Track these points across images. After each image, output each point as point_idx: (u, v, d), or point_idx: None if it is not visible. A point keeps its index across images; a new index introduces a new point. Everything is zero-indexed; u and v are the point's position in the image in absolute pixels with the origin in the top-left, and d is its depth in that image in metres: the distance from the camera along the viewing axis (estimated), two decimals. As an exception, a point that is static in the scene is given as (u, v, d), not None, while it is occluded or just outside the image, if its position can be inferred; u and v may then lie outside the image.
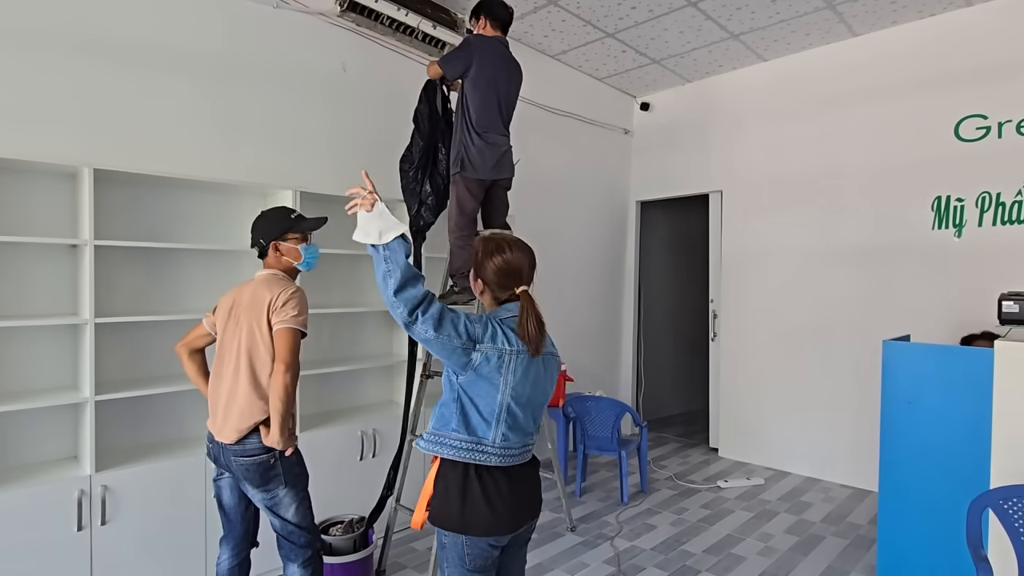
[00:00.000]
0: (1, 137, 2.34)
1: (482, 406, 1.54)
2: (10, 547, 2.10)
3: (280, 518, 2.05)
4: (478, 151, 2.89)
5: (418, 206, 3.19)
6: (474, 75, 2.87)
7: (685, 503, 3.87)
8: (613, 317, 5.49)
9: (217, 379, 2.07)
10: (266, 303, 1.99)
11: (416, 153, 3.15)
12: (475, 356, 1.51)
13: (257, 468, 1.99)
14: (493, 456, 1.54)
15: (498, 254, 1.63)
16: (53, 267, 2.47)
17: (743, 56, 4.60)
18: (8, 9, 2.35)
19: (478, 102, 2.87)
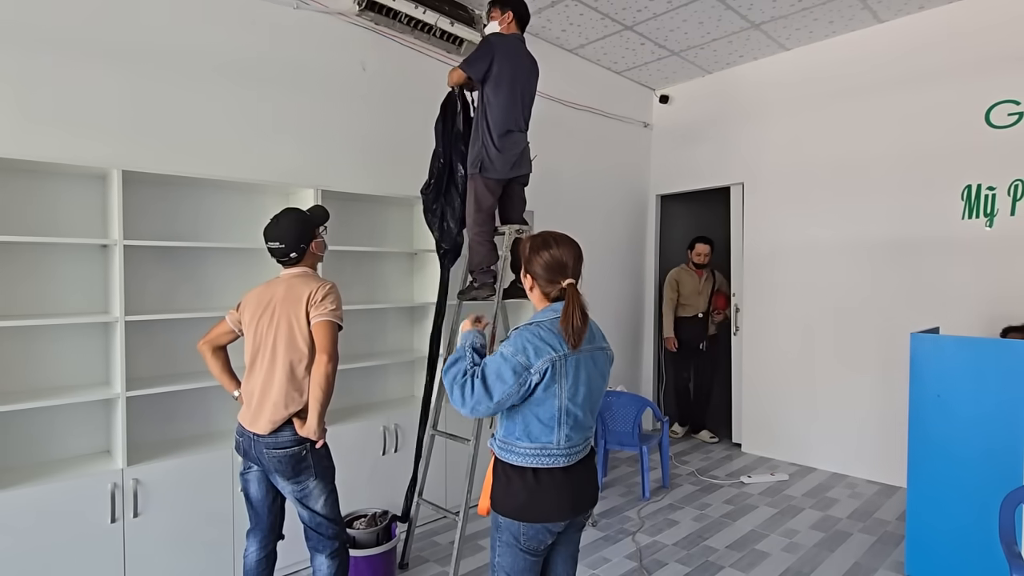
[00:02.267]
0: (35, 140, 2.41)
1: (541, 415, 1.60)
2: (48, 539, 2.17)
3: (309, 509, 2.09)
4: (498, 152, 2.89)
5: (440, 225, 3.09)
6: (496, 74, 2.85)
7: (707, 498, 3.85)
8: (634, 312, 5.46)
9: (251, 373, 2.11)
10: (304, 298, 2.05)
11: (433, 173, 3.04)
12: (532, 379, 1.57)
13: (289, 460, 2.03)
14: (560, 457, 1.61)
15: (544, 249, 1.68)
16: (85, 267, 2.54)
17: (764, 46, 4.53)
18: (40, 16, 2.41)
19: (500, 101, 2.86)
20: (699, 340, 5.13)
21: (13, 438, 2.37)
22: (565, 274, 1.67)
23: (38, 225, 2.42)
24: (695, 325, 5.13)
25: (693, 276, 5.14)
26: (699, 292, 5.12)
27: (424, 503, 3.00)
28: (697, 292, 5.13)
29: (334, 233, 3.28)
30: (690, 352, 5.17)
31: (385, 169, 3.51)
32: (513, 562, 1.65)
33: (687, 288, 5.12)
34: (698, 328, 5.12)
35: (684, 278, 5.15)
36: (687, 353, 5.17)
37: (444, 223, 3.09)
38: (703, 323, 5.13)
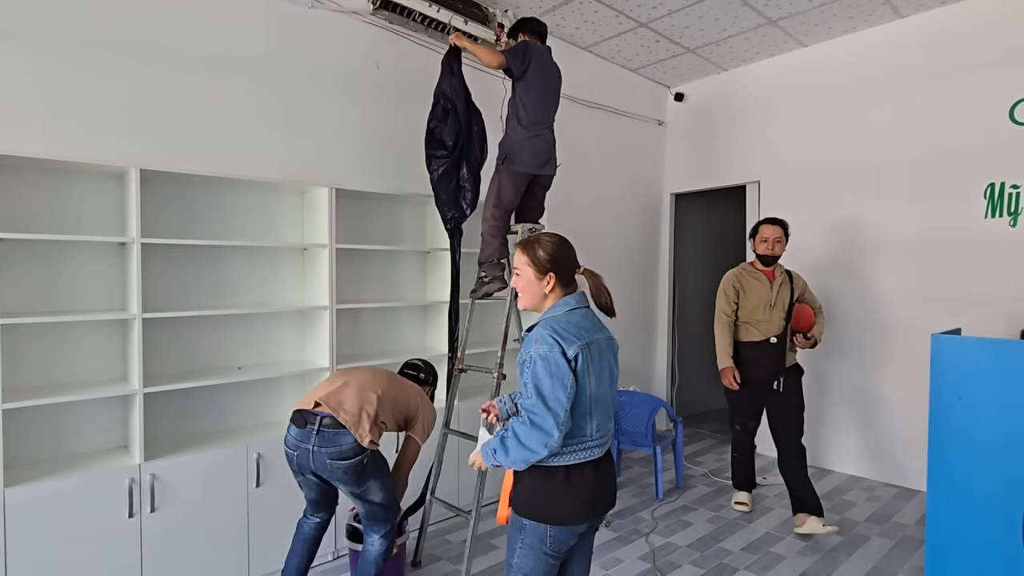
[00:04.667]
0: (56, 140, 2.44)
1: (577, 406, 1.60)
2: (67, 532, 2.20)
3: (368, 503, 2.24)
4: (529, 144, 2.95)
5: (453, 195, 3.02)
6: (531, 75, 2.94)
7: (722, 500, 3.81)
8: (647, 311, 5.43)
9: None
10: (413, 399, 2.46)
11: (450, 137, 2.94)
12: (573, 365, 1.57)
13: (353, 469, 2.15)
14: (594, 448, 1.63)
15: (563, 246, 1.75)
16: (103, 264, 2.57)
17: (782, 42, 4.47)
18: (58, 16, 2.45)
19: (532, 100, 2.94)
20: (772, 375, 3.31)
21: (34, 432, 2.40)
22: (577, 264, 1.77)
23: (59, 223, 2.46)
24: (767, 354, 3.30)
25: (761, 280, 3.37)
26: (771, 304, 3.32)
27: (436, 502, 3.00)
28: (768, 304, 3.32)
29: (348, 232, 3.29)
30: (759, 392, 3.38)
31: (399, 167, 3.52)
32: (535, 565, 1.63)
33: (753, 299, 3.35)
34: (771, 358, 3.30)
35: (748, 283, 3.39)
36: (755, 393, 3.39)
37: (460, 192, 3.04)
38: (778, 351, 3.30)
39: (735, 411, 3.54)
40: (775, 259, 3.37)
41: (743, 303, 3.39)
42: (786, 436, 3.36)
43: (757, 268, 3.43)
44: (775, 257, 3.37)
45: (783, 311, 3.33)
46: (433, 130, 3.00)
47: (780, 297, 3.34)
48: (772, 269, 3.40)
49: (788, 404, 3.36)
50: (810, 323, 3.37)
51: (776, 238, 3.35)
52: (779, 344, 3.29)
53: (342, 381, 2.28)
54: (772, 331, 3.31)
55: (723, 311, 3.43)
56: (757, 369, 3.33)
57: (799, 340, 3.40)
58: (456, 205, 3.06)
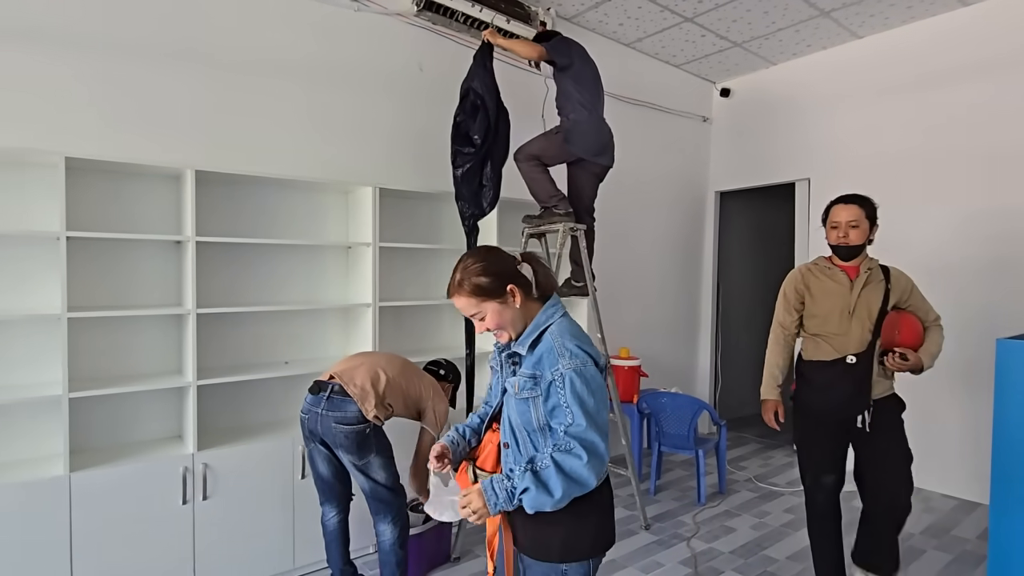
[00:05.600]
0: (116, 142, 2.56)
1: None
2: (126, 516, 2.32)
3: (370, 479, 2.30)
4: (590, 127, 3.05)
5: (475, 192, 3.04)
6: (578, 70, 3.03)
7: (767, 506, 3.71)
8: (689, 312, 5.32)
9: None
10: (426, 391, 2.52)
11: (479, 134, 2.95)
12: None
13: (355, 436, 2.23)
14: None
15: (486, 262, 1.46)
16: (160, 262, 2.69)
17: (834, 34, 4.31)
18: (119, 25, 2.57)
19: (589, 88, 3.05)
20: (851, 407, 2.39)
21: (95, 421, 2.53)
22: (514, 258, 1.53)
23: (119, 222, 2.58)
24: (840, 378, 2.39)
25: (836, 279, 2.45)
26: (849, 311, 2.39)
27: None
28: (845, 311, 2.40)
29: (390, 230, 3.34)
30: (835, 431, 2.44)
31: (439, 167, 3.54)
32: None
33: (823, 304, 2.45)
34: (847, 384, 2.39)
35: (816, 284, 2.49)
36: (828, 433, 2.45)
37: (483, 189, 3.07)
38: (858, 374, 2.37)
39: (802, 457, 2.53)
40: (855, 251, 2.41)
41: (810, 309, 2.49)
42: (878, 497, 2.39)
43: (833, 263, 2.47)
44: (854, 248, 2.39)
45: (869, 321, 2.36)
46: (459, 124, 3.02)
47: (865, 301, 2.38)
48: (855, 264, 2.43)
49: (881, 450, 2.37)
50: (914, 338, 2.41)
51: (851, 221, 2.37)
52: (861, 365, 2.34)
53: (358, 361, 2.42)
54: (851, 347, 2.36)
55: (778, 322, 2.58)
56: (827, 398, 2.40)
57: (892, 361, 2.37)
58: (476, 203, 3.08)
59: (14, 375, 2.37)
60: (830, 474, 2.46)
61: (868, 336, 2.38)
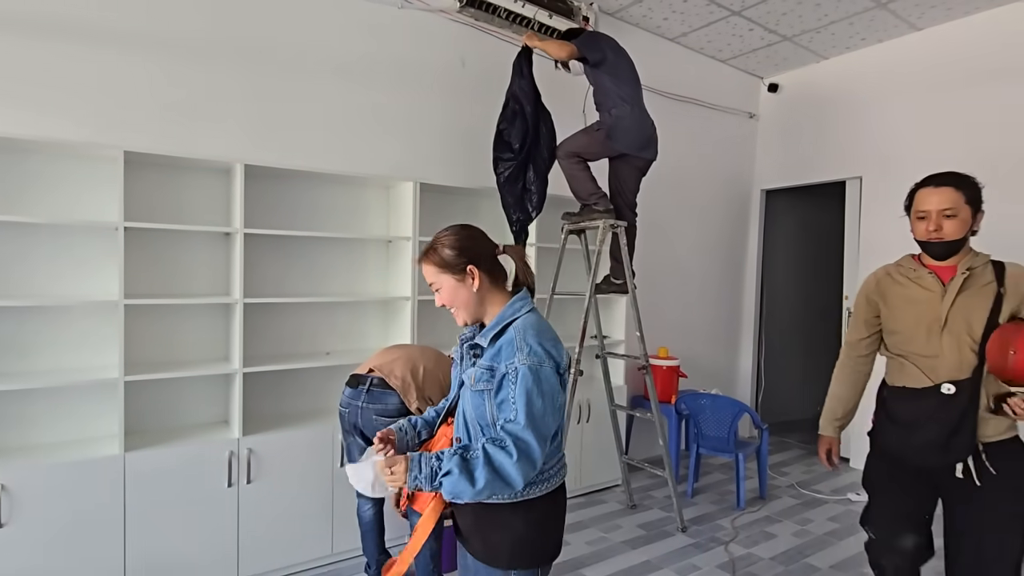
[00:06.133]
0: (169, 137, 2.67)
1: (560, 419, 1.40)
2: (174, 496, 2.41)
3: None
4: (633, 120, 3.00)
5: (519, 197, 3.08)
6: (612, 60, 2.98)
7: (809, 513, 3.60)
8: (732, 312, 5.20)
9: None
10: None
11: (517, 139, 3.00)
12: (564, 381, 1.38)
13: None
14: (565, 466, 1.46)
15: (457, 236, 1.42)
16: (209, 253, 2.78)
17: (891, 26, 4.14)
18: (174, 22, 2.67)
19: (627, 80, 3.00)
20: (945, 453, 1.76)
21: (146, 404, 2.64)
22: (494, 244, 1.46)
23: (172, 214, 2.68)
24: (933, 414, 1.76)
25: (923, 283, 1.83)
26: (940, 325, 1.77)
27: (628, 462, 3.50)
28: (936, 325, 1.78)
29: (429, 225, 3.37)
30: (919, 480, 1.86)
31: (479, 162, 3.55)
32: None
33: (903, 316, 1.87)
34: (941, 421, 1.75)
35: (894, 291, 1.92)
36: (909, 481, 1.87)
37: (526, 194, 3.11)
38: (956, 409, 1.73)
39: (871, 507, 1.96)
40: (953, 247, 1.76)
41: (887, 323, 1.91)
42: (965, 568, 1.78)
43: (922, 264, 1.84)
44: (951, 244, 1.75)
45: (970, 337, 1.71)
46: (502, 132, 3.07)
47: (963, 312, 1.73)
48: (952, 263, 1.78)
49: (987, 516, 1.74)
50: None
51: (945, 209, 1.74)
52: (962, 396, 1.69)
53: (395, 354, 2.43)
54: (946, 372, 1.73)
55: (846, 340, 2.08)
56: (910, 439, 1.78)
57: (1018, 404, 1.62)
58: (522, 208, 3.11)
59: (74, 358, 2.49)
60: (907, 536, 1.85)
61: (971, 358, 1.70)
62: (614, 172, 3.23)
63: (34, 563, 2.14)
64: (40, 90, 2.40)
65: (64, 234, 2.46)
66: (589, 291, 3.17)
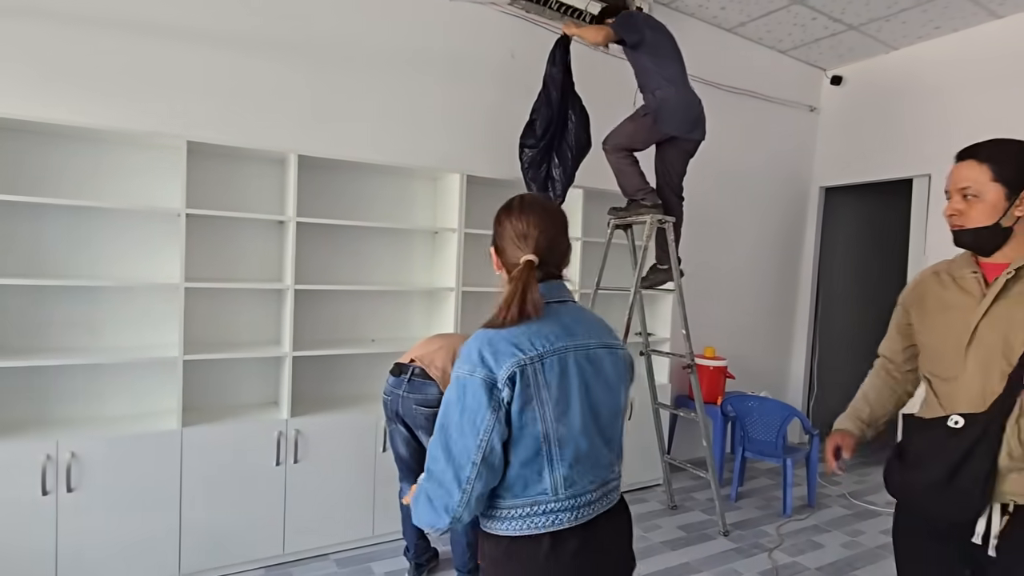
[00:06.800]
0: (227, 127, 2.77)
1: (521, 452, 1.09)
2: (226, 471, 2.52)
3: None
4: (679, 100, 2.91)
5: (543, 184, 3.07)
6: (651, 39, 2.89)
7: (861, 525, 3.45)
8: (784, 313, 5.03)
9: None
10: None
11: (541, 126, 3.00)
12: (502, 396, 1.07)
13: (434, 417, 2.22)
14: (562, 513, 1.11)
15: (507, 215, 1.24)
16: (263, 240, 2.89)
17: (968, 14, 3.88)
18: (234, 19, 2.77)
19: (669, 58, 2.92)
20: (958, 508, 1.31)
21: (202, 382, 2.77)
22: (525, 247, 1.20)
23: (229, 201, 2.79)
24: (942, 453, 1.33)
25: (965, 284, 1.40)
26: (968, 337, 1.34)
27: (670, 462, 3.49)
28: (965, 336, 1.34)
29: (474, 217, 3.39)
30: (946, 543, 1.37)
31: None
32: None
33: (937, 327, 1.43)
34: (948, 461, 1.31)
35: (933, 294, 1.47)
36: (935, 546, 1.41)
37: (550, 182, 3.08)
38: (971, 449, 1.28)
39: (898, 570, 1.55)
40: (979, 238, 1.37)
41: (918, 335, 1.53)
42: None
43: (973, 262, 1.43)
44: (973, 234, 1.38)
45: (1007, 359, 1.29)
46: (534, 121, 3.06)
47: (1001, 324, 1.31)
48: (1003, 260, 1.37)
49: None
50: None
51: (964, 188, 1.40)
52: (968, 433, 1.31)
53: (437, 344, 2.44)
54: (964, 401, 1.34)
55: (879, 349, 1.78)
56: (908, 481, 1.43)
57: None
58: (544, 194, 3.09)
59: (137, 336, 2.63)
60: None
61: (994, 384, 1.29)
62: (660, 156, 3.15)
63: (99, 526, 2.29)
64: (110, 83, 2.54)
65: (130, 219, 2.60)
66: (634, 287, 3.12)
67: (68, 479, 2.22)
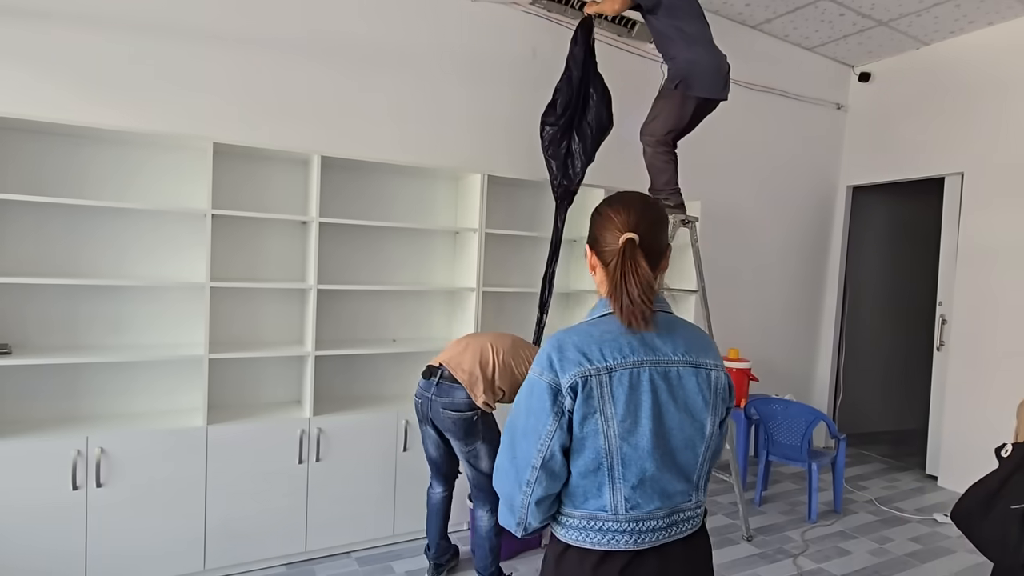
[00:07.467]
0: (252, 129, 2.81)
1: (580, 463, 1.05)
2: (248, 469, 2.55)
3: (475, 469, 2.34)
4: (708, 61, 2.80)
5: (563, 162, 3.03)
6: (669, 3, 2.77)
7: (889, 532, 3.37)
8: (810, 315, 4.93)
9: None
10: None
11: (561, 104, 2.97)
12: (565, 403, 1.03)
13: (462, 423, 2.28)
14: (620, 535, 1.04)
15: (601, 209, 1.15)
16: (287, 240, 2.91)
17: (1005, 7, 3.77)
18: (256, 22, 2.80)
19: (690, 18, 2.79)
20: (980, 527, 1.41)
21: (226, 381, 2.81)
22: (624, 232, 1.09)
23: (253, 203, 2.83)
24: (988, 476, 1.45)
25: None
26: None
27: None
28: None
29: (495, 217, 3.39)
30: None
31: (549, 155, 3.54)
32: None
33: None
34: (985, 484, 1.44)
35: None
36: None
37: (570, 159, 3.05)
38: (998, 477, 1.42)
39: None
40: None
41: None
42: None
43: None
44: None
45: None
46: (555, 101, 3.04)
47: None
48: None
49: None
50: None
51: None
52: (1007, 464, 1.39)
53: (465, 344, 2.44)
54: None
55: None
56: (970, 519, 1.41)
57: None
58: (564, 173, 3.06)
59: (164, 335, 2.68)
60: None
61: None
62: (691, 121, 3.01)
63: (127, 520, 2.33)
64: (139, 87, 2.59)
65: (158, 220, 2.64)
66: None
67: (98, 475, 2.27)
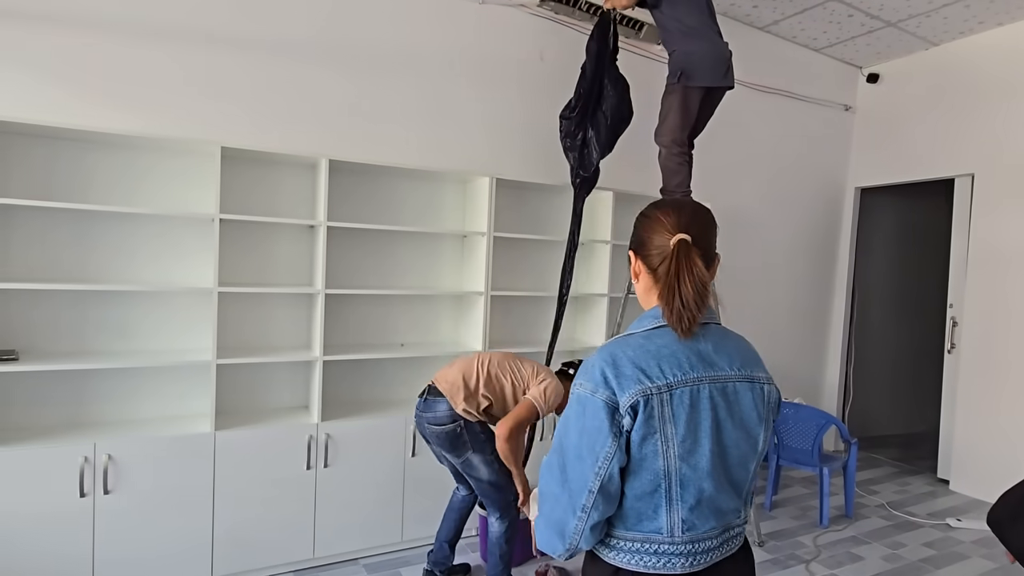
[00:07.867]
0: (261, 133, 2.80)
1: (637, 485, 1.01)
2: (256, 475, 2.53)
3: (474, 478, 2.31)
4: (707, 50, 2.78)
5: (579, 152, 3.03)
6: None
7: (901, 537, 3.33)
8: (819, 318, 4.90)
9: None
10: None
11: (576, 96, 2.99)
12: (624, 422, 0.98)
13: (447, 436, 2.26)
14: (676, 557, 1.02)
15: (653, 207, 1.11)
16: (294, 244, 2.90)
17: (1015, 8, 3.74)
18: (266, 28, 2.79)
19: (688, 8, 2.77)
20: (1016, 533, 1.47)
21: (234, 386, 2.79)
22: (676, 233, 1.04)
23: (261, 207, 2.82)
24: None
25: None
26: None
27: None
28: None
29: (504, 221, 3.37)
30: None
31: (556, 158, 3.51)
32: None
33: None
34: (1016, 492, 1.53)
35: None
36: None
37: (586, 149, 3.04)
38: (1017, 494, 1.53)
39: None
40: None
41: None
42: None
43: None
44: None
45: None
46: (573, 96, 3.04)
47: None
48: None
49: None
50: None
51: None
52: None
53: (455, 363, 2.43)
54: None
55: None
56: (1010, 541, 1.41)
57: None
58: (581, 163, 3.05)
59: (171, 340, 2.67)
60: None
61: None
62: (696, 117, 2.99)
63: (135, 527, 2.32)
64: (147, 91, 2.58)
65: (165, 224, 2.63)
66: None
67: (105, 481, 2.25)
